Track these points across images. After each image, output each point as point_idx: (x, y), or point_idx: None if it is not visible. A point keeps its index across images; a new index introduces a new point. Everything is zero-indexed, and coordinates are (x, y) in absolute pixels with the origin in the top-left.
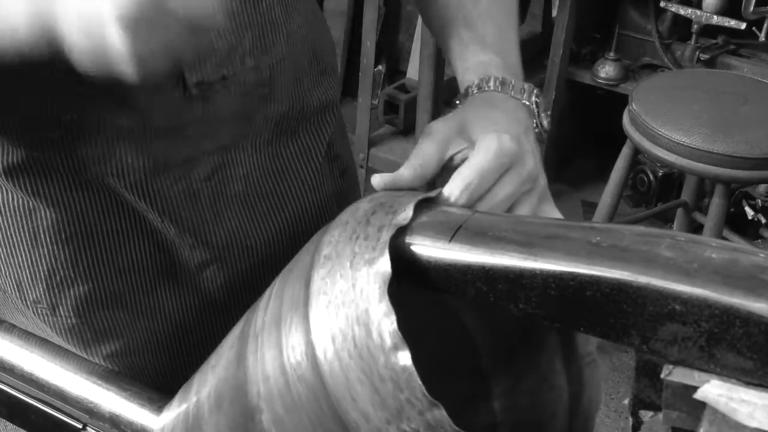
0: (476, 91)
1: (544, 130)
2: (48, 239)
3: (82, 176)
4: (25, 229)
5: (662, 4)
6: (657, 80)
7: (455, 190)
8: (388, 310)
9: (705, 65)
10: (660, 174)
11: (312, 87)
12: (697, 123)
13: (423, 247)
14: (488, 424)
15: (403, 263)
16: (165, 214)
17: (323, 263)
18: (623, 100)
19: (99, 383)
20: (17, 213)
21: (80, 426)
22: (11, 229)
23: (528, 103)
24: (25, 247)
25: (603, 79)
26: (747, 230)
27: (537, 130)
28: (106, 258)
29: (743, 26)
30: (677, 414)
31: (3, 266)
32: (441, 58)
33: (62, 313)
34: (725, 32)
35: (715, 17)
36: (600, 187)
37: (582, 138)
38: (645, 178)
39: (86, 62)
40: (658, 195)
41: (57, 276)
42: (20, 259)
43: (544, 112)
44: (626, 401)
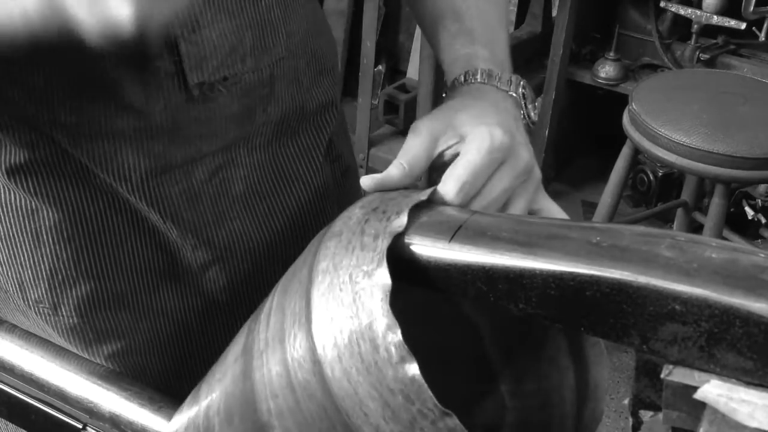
0: (463, 83)
1: (532, 122)
2: (50, 239)
3: (84, 176)
4: (28, 229)
5: (662, 4)
6: (657, 80)
7: (450, 192)
8: (392, 323)
9: (705, 65)
10: (660, 174)
11: (312, 87)
12: (697, 123)
13: (423, 248)
14: (494, 424)
15: (403, 263)
16: (167, 215)
17: (322, 279)
18: (623, 100)
19: (99, 383)
20: (19, 213)
21: (80, 426)
22: (14, 229)
23: (515, 95)
24: (28, 247)
25: (603, 79)
26: (747, 230)
27: (525, 122)
28: (109, 258)
29: (743, 26)
30: (677, 414)
31: (5, 266)
32: None
33: (64, 313)
34: (725, 32)
35: (715, 17)
36: (600, 187)
37: (582, 138)
38: (645, 178)
39: (92, 32)
40: (658, 195)
41: (59, 276)
42: (22, 259)
43: (532, 104)
44: (626, 401)
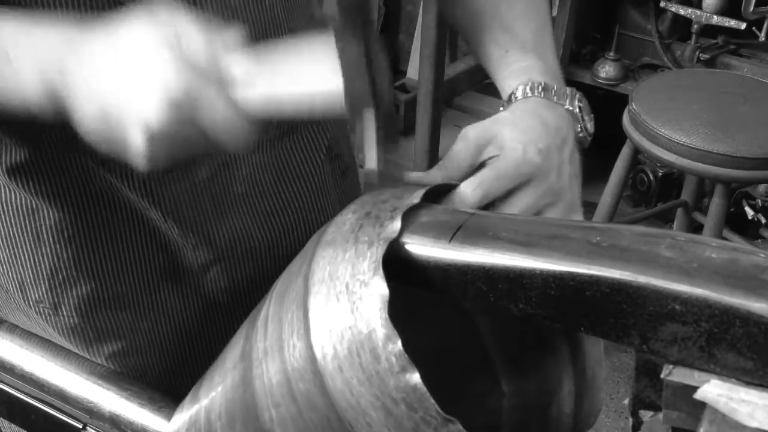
0: (520, 97)
1: (589, 134)
2: (51, 239)
3: (85, 176)
4: (29, 229)
5: (662, 4)
6: (657, 80)
7: (469, 187)
8: (391, 333)
9: (705, 65)
10: (660, 174)
11: None
12: (697, 123)
13: (423, 248)
14: (494, 424)
15: (403, 263)
16: (168, 214)
17: (318, 289)
18: (623, 100)
19: (99, 383)
20: (20, 212)
21: (80, 426)
22: (14, 229)
23: (571, 108)
24: (28, 247)
25: (603, 79)
26: (747, 230)
27: (582, 135)
28: (109, 258)
29: (743, 26)
30: (677, 414)
31: (6, 265)
32: (441, 58)
33: (65, 313)
34: (725, 32)
35: (715, 17)
36: (600, 187)
37: None
38: (645, 178)
39: (96, 139)
40: (658, 195)
41: (60, 275)
42: (23, 259)
43: (588, 116)
44: (626, 401)
